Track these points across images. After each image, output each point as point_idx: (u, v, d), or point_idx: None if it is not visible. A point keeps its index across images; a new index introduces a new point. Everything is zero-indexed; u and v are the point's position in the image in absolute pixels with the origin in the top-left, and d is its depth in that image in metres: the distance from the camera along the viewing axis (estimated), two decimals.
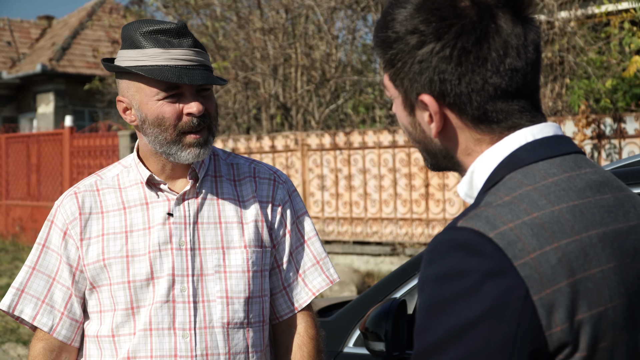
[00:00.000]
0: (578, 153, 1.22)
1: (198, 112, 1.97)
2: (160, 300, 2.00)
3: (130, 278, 2.01)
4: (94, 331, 2.06)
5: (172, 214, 2.04)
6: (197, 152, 1.99)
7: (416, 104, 1.23)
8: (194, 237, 2.04)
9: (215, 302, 2.02)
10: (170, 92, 1.96)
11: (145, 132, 2.01)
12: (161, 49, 1.96)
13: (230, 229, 2.06)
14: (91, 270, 2.04)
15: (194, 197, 2.06)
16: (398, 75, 1.23)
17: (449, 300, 1.08)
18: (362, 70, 12.82)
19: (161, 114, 1.97)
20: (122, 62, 2.01)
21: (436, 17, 1.18)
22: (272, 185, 2.15)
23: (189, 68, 1.96)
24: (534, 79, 1.21)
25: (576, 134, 7.96)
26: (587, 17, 9.69)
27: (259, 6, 12.17)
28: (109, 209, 2.07)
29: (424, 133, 1.26)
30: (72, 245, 2.06)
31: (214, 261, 2.04)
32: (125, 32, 2.02)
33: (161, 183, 2.06)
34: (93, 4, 22.87)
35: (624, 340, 1.14)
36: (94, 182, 2.11)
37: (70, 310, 2.07)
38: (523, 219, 1.11)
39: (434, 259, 1.11)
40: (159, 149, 2.00)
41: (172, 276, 2.01)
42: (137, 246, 2.03)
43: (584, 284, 1.10)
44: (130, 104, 2.02)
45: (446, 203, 9.10)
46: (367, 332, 2.82)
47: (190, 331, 2.01)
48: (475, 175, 1.23)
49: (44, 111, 21.28)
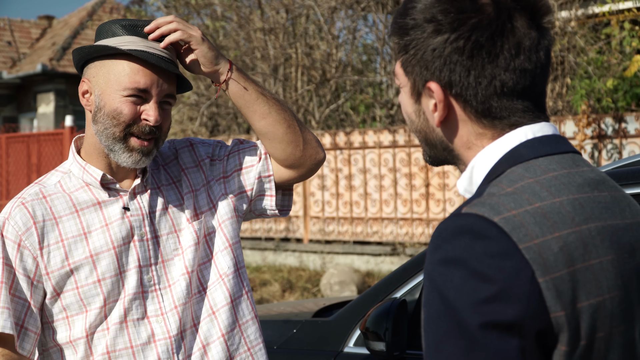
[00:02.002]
0: (575, 153, 1.26)
1: (155, 122, 1.99)
2: (131, 292, 2.03)
3: (100, 277, 2.02)
4: (65, 337, 2.04)
5: (129, 208, 2.07)
6: (139, 158, 2.01)
7: (423, 91, 1.26)
8: (152, 227, 2.08)
9: (178, 281, 2.07)
10: (137, 92, 1.98)
11: (97, 120, 2.02)
12: (140, 38, 2.00)
13: (178, 212, 2.12)
14: (55, 277, 2.01)
15: (143, 191, 2.10)
16: (410, 62, 1.26)
17: (457, 285, 1.09)
18: (363, 70, 12.82)
19: (119, 110, 1.98)
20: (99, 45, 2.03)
21: (455, 9, 1.21)
22: (192, 149, 2.20)
23: (166, 60, 2.00)
24: (541, 82, 1.24)
25: (577, 133, 7.96)
26: (588, 17, 9.69)
27: (259, 6, 12.18)
28: (61, 214, 2.05)
29: (427, 122, 1.29)
30: (28, 255, 2.01)
31: (171, 245, 2.09)
32: (102, 27, 2.05)
33: (112, 182, 2.07)
34: (93, 4, 22.88)
35: (621, 331, 1.16)
36: (38, 190, 2.07)
37: (29, 322, 2.02)
38: (526, 208, 1.13)
39: (440, 244, 1.13)
40: (104, 141, 2.01)
41: (139, 267, 2.05)
42: (99, 244, 2.03)
43: (583, 273, 1.13)
44: (92, 89, 2.04)
45: (446, 203, 9.10)
46: (367, 331, 2.82)
47: (163, 315, 2.05)
48: (476, 171, 1.25)
49: (44, 111, 21.29)
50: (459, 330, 1.09)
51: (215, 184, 2.18)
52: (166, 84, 2.02)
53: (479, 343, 1.08)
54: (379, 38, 11.92)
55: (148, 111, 1.99)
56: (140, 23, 2.02)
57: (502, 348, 1.08)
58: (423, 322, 1.14)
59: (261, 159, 2.18)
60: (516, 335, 1.08)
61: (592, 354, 1.13)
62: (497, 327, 1.08)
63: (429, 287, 1.13)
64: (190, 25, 2.05)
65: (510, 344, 1.08)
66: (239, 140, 2.24)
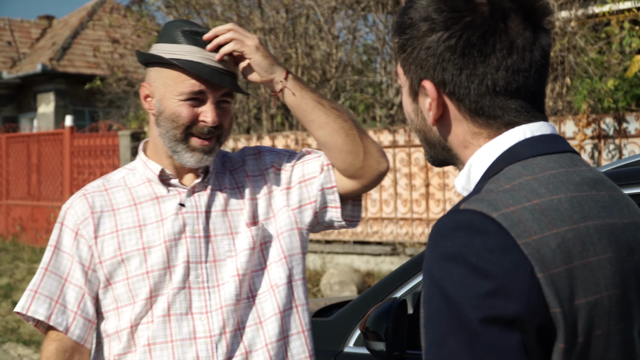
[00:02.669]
0: (573, 153, 1.26)
1: (212, 123, 2.04)
2: (177, 287, 2.06)
3: (149, 269, 2.06)
4: (114, 328, 2.10)
5: (184, 205, 2.10)
6: (200, 157, 2.06)
7: (419, 90, 1.27)
8: (206, 225, 2.10)
9: (228, 282, 2.08)
10: (193, 95, 2.03)
11: (159, 123, 2.08)
12: (198, 47, 2.03)
13: (236, 216, 2.13)
14: (108, 267, 2.08)
15: (202, 189, 2.13)
16: (407, 61, 1.27)
17: (457, 281, 1.09)
18: (363, 70, 12.82)
19: (177, 112, 2.04)
20: (157, 53, 2.07)
21: (448, 7, 1.21)
22: (259, 157, 2.22)
23: (221, 72, 2.03)
24: (537, 82, 1.24)
25: (577, 133, 7.95)
26: (588, 17, 9.69)
27: (259, 6, 12.17)
28: (120, 205, 2.12)
29: (424, 121, 1.29)
30: (84, 244, 2.10)
31: (225, 247, 2.10)
32: (165, 28, 2.09)
33: (171, 178, 2.12)
34: (93, 4, 22.87)
35: (619, 329, 1.16)
36: (101, 183, 2.17)
37: (83, 310, 2.10)
38: (524, 204, 1.14)
39: (439, 241, 1.13)
40: (167, 143, 2.07)
41: (187, 263, 2.07)
42: (152, 238, 2.09)
43: (581, 271, 1.13)
44: (153, 93, 2.09)
45: (446, 203, 9.10)
46: (367, 331, 2.82)
47: (207, 314, 2.07)
48: (473, 169, 1.25)
49: (44, 111, 21.28)
50: (460, 326, 1.09)
51: (279, 194, 2.18)
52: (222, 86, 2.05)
53: (480, 338, 1.08)
54: (379, 38, 11.91)
55: (205, 113, 2.04)
56: (200, 30, 2.05)
57: (503, 343, 1.08)
58: (423, 319, 1.14)
59: (323, 170, 2.16)
60: (517, 330, 1.08)
61: (590, 352, 1.13)
62: (498, 322, 1.08)
63: (429, 284, 1.13)
64: (246, 33, 2.06)
65: (512, 338, 1.08)
66: (306, 151, 2.24)
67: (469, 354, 1.08)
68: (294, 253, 2.16)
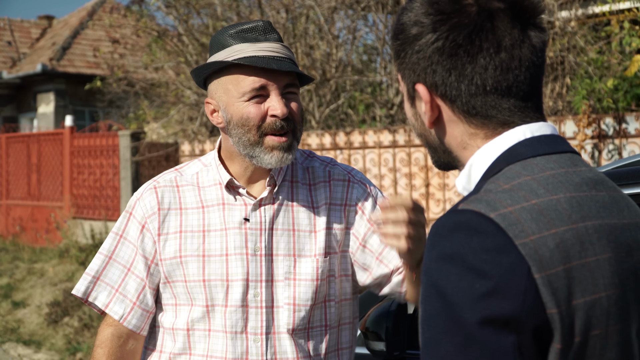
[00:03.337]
0: (573, 153, 1.26)
1: (282, 115, 1.98)
2: (235, 304, 2.03)
3: (206, 277, 2.04)
4: (170, 323, 2.09)
5: (249, 219, 2.05)
6: (281, 156, 2.00)
7: (414, 94, 1.28)
8: (269, 244, 2.05)
9: (282, 307, 2.04)
10: (256, 92, 1.98)
11: (230, 133, 2.03)
12: (249, 43, 1.99)
13: (303, 237, 2.07)
14: (167, 266, 2.07)
15: (270, 203, 2.07)
16: (402, 66, 1.28)
17: (454, 281, 1.09)
18: (363, 70, 12.81)
19: (245, 114, 1.98)
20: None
21: (435, 10, 1.22)
22: (347, 186, 2.13)
23: (277, 59, 1.98)
24: (529, 81, 1.23)
25: (577, 133, 7.95)
26: (588, 16, 9.69)
27: (259, 6, 12.17)
28: (188, 206, 2.09)
29: (423, 125, 1.30)
30: (149, 238, 2.09)
31: (285, 268, 2.05)
32: (213, 39, 2.06)
33: (240, 187, 2.07)
34: (93, 4, 22.87)
35: (617, 330, 1.16)
36: (173, 177, 2.13)
37: (142, 301, 2.10)
38: (522, 205, 1.14)
39: (437, 241, 1.14)
40: (243, 150, 2.02)
41: (247, 281, 2.03)
42: (214, 246, 2.05)
43: (579, 271, 1.13)
44: (217, 105, 2.04)
45: (446, 203, 9.10)
46: (367, 331, 2.82)
47: (262, 336, 2.03)
48: (474, 169, 1.25)
49: (44, 111, 21.28)
50: (456, 327, 1.09)
51: (352, 238, 2.12)
52: (284, 75, 2.00)
53: (475, 339, 1.08)
54: (379, 38, 11.91)
55: (273, 106, 1.98)
56: (246, 27, 2.01)
57: (498, 344, 1.07)
58: (420, 318, 1.14)
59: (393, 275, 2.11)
60: (513, 331, 1.08)
61: (587, 352, 1.13)
62: (494, 323, 1.08)
63: (427, 283, 1.13)
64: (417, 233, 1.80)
65: (506, 340, 1.08)
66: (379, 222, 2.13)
67: (463, 355, 1.08)
68: (346, 298, 2.14)
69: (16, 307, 9.76)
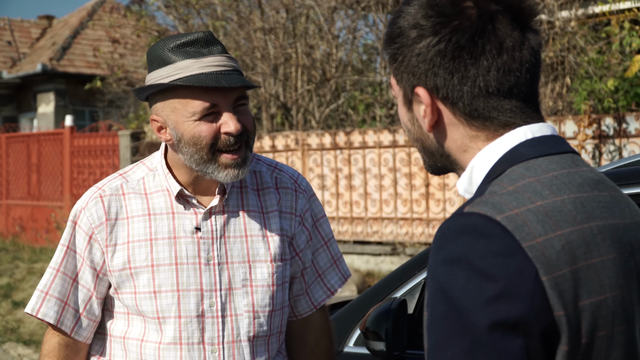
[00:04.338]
0: (573, 153, 1.26)
1: (236, 132, 1.92)
2: (189, 314, 1.99)
3: (156, 288, 2.00)
4: (121, 332, 2.06)
5: (200, 229, 2.02)
6: (236, 172, 1.95)
7: (413, 98, 1.27)
8: (221, 252, 2.02)
9: (242, 315, 2.02)
10: (207, 111, 1.91)
11: (182, 150, 1.96)
12: (193, 59, 1.91)
13: (256, 242, 2.05)
14: (117, 277, 2.02)
15: (220, 211, 2.04)
16: (399, 70, 1.27)
17: (461, 284, 1.09)
18: (363, 70, 12.82)
19: (197, 133, 1.92)
20: (154, 82, 1.95)
21: (435, 13, 1.22)
22: (294, 195, 2.13)
23: (224, 73, 1.91)
24: (529, 82, 1.24)
25: (577, 133, 7.95)
26: (588, 16, 9.69)
27: (259, 6, 12.17)
28: (134, 214, 2.04)
29: (421, 129, 1.29)
30: (97, 249, 2.04)
31: (241, 275, 2.03)
32: (152, 53, 1.97)
33: (190, 197, 2.03)
34: (93, 4, 22.87)
35: (623, 330, 1.16)
36: (119, 185, 2.06)
37: (89, 311, 2.07)
38: (528, 207, 1.13)
39: (444, 244, 1.13)
40: (195, 167, 1.96)
41: (201, 291, 2.00)
42: (162, 255, 2.01)
43: (585, 272, 1.13)
44: (165, 123, 1.97)
45: (447, 202, 9.10)
46: (367, 331, 2.82)
47: (219, 345, 2.01)
48: (475, 171, 1.25)
49: (44, 111, 21.28)
50: (463, 330, 1.08)
51: (291, 246, 2.15)
52: (233, 90, 1.94)
53: (482, 343, 1.07)
54: (379, 38, 11.91)
55: (226, 123, 1.92)
56: (187, 39, 1.93)
57: (506, 348, 1.07)
58: (426, 322, 1.13)
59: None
60: (521, 334, 1.08)
61: (593, 353, 1.13)
62: (502, 326, 1.07)
63: (433, 287, 1.12)
64: None
65: (515, 343, 1.07)
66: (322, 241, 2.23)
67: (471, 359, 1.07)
68: (285, 306, 2.16)
69: (16, 307, 9.76)
